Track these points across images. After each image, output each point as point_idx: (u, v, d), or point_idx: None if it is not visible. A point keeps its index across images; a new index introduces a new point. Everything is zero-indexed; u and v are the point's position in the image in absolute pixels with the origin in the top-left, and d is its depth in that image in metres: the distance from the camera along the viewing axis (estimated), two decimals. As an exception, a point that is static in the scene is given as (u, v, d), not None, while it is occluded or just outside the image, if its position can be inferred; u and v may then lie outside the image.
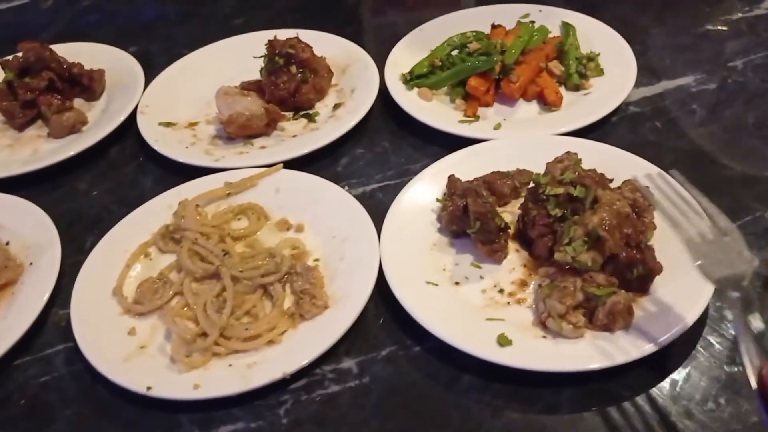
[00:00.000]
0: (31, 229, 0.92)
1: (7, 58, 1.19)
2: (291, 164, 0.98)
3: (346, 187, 0.96)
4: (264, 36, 1.20)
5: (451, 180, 0.88)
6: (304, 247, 0.87)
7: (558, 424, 0.69)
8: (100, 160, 1.09)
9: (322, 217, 0.90)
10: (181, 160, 1.01)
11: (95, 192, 1.04)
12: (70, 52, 1.23)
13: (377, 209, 0.90)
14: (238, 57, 1.22)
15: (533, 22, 1.17)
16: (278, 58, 1.11)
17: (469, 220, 0.82)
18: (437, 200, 0.88)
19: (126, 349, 0.78)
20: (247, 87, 1.11)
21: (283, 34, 1.16)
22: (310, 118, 1.10)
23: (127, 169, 1.08)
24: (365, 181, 0.99)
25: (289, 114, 1.11)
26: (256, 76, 1.16)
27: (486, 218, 0.80)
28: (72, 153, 1.06)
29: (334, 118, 1.07)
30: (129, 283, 0.86)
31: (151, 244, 0.90)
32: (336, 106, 1.10)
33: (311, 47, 1.11)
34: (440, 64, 1.11)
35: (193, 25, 1.42)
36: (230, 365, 0.75)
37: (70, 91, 1.19)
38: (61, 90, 1.17)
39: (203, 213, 0.92)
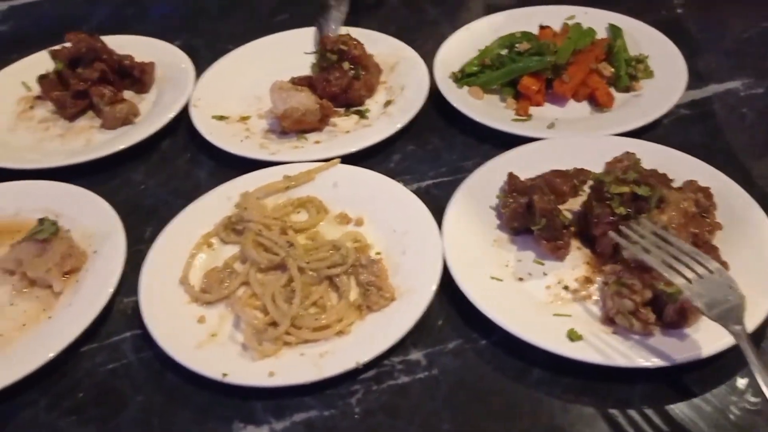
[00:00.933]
0: (92, 218, 0.94)
1: (57, 47, 1.20)
2: (345, 159, 1.00)
3: (401, 183, 0.97)
4: (310, 33, 1.22)
5: (512, 177, 0.89)
6: (366, 241, 0.88)
7: (630, 419, 0.70)
8: (153, 153, 1.10)
9: (381, 212, 0.91)
10: (237, 153, 1.02)
11: (150, 183, 1.05)
12: (116, 44, 1.23)
13: (432, 205, 0.91)
14: (285, 53, 1.25)
15: (579, 23, 1.17)
16: (331, 55, 1.12)
17: (532, 217, 0.83)
18: (497, 197, 0.89)
19: (197, 337, 0.79)
20: (298, 83, 1.12)
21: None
22: (362, 115, 1.11)
23: (180, 161, 1.09)
24: (419, 177, 1.00)
25: (341, 110, 1.11)
26: (303, 71, 1.18)
27: (551, 215, 0.81)
28: (129, 144, 1.07)
29: (386, 115, 1.08)
30: (194, 272, 0.87)
31: (213, 234, 0.91)
32: (387, 103, 1.11)
33: (363, 44, 1.12)
34: (490, 63, 1.11)
35: (236, 20, 1.42)
36: (302, 354, 0.76)
37: (120, 82, 1.20)
38: (112, 82, 1.18)
39: (264, 205, 0.92)
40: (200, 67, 1.22)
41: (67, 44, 1.20)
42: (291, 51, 1.24)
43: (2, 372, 0.77)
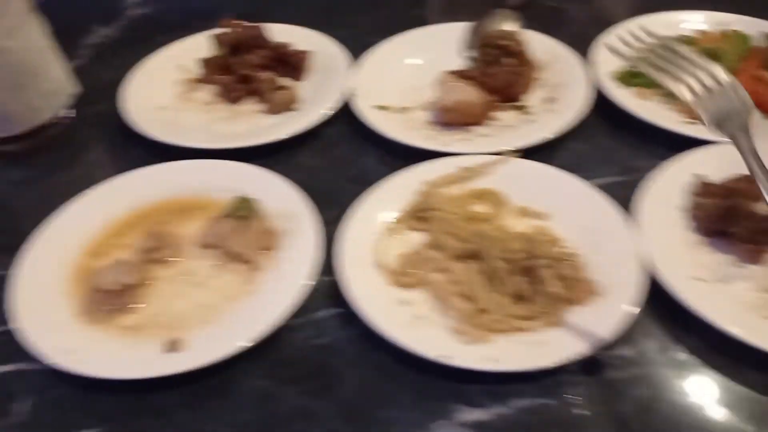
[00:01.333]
0: (279, 199, 0.97)
1: (219, 32, 1.23)
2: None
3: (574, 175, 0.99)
4: (457, 27, 1.28)
5: (702, 179, 0.90)
6: (555, 235, 0.90)
7: None
8: (316, 140, 1.13)
9: (565, 207, 0.93)
10: (409, 142, 1.05)
11: (321, 168, 1.08)
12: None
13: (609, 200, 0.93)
14: (435, 46, 1.27)
15: (738, 30, 1.19)
16: (492, 50, 1.14)
17: (731, 220, 0.84)
18: (691, 198, 0.91)
19: (402, 318, 0.82)
20: (461, 76, 1.14)
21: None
22: (523, 110, 1.13)
23: (346, 148, 1.12)
24: (591, 175, 1.02)
25: (501, 104, 1.13)
26: (455, 65, 1.21)
27: (755, 219, 0.82)
28: (304, 128, 1.11)
29: (551, 111, 1.10)
30: (387, 256, 0.89)
31: (400, 220, 0.93)
32: (549, 100, 1.13)
33: (523, 41, 1.14)
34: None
35: (377, 12, 1.45)
36: (516, 342, 0.78)
37: (278, 69, 1.23)
38: (272, 68, 1.21)
39: (447, 195, 0.95)
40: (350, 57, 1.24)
41: (226, 30, 1.22)
42: (440, 44, 1.26)
43: (222, 342, 0.80)
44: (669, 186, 0.93)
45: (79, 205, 0.97)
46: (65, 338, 0.81)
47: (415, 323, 0.81)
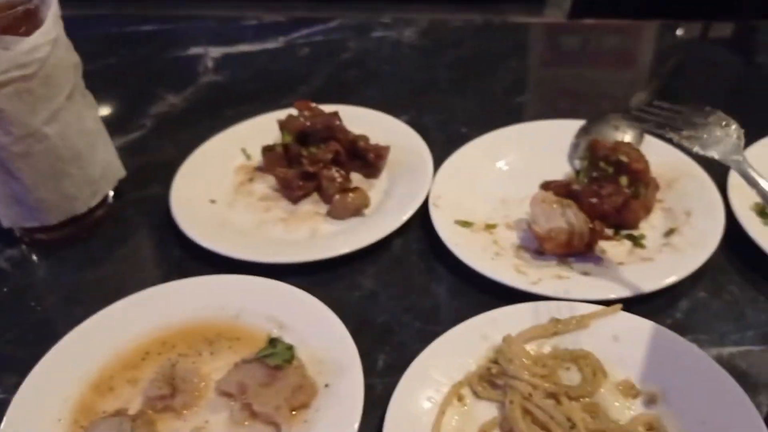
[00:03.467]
0: (322, 338, 0.80)
1: (286, 118, 1.08)
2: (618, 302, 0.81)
3: (695, 345, 0.76)
4: (564, 126, 1.09)
5: None
6: (665, 431, 0.67)
7: None
8: (383, 253, 0.96)
9: (681, 390, 0.72)
10: (490, 275, 0.85)
11: (381, 293, 0.91)
12: (343, 115, 1.10)
13: (741, 383, 0.71)
14: (532, 146, 1.06)
15: None
16: (606, 165, 0.93)
17: None
18: None
19: None
20: (559, 192, 0.93)
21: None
22: (636, 242, 0.92)
23: (414, 269, 0.94)
24: (717, 339, 0.81)
25: (610, 232, 0.92)
26: (553, 173, 1.02)
27: None
28: (363, 245, 0.93)
29: (670, 248, 0.89)
30: (446, 433, 0.69)
31: (465, 384, 0.74)
32: (669, 232, 0.91)
33: (646, 157, 0.93)
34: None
35: (468, 97, 1.27)
36: None
37: (350, 164, 1.06)
38: (342, 164, 1.04)
39: (528, 353, 0.74)
40: (433, 150, 1.08)
41: (293, 111, 1.06)
42: (539, 144, 1.07)
43: None
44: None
45: (92, 324, 0.84)
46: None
47: None
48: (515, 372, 0.73)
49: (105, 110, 1.29)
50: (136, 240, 1.02)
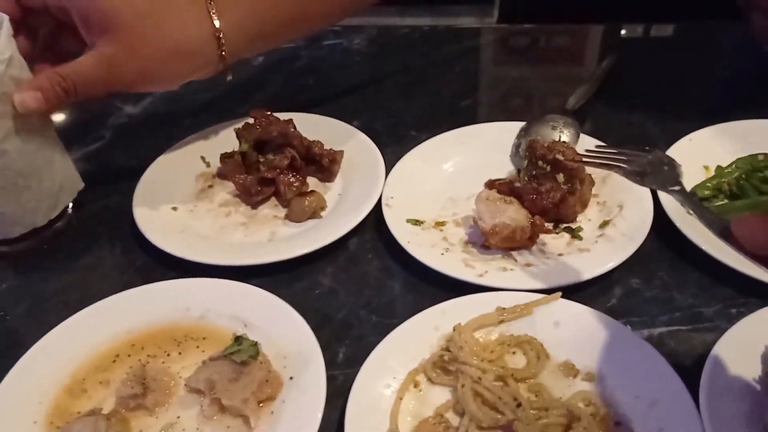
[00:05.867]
0: (285, 335, 0.85)
1: (243, 126, 1.13)
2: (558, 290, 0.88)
3: (629, 327, 0.84)
4: (506, 127, 1.17)
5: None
6: (601, 405, 0.75)
7: None
8: (340, 253, 1.01)
9: (616, 368, 0.80)
10: (441, 270, 0.92)
11: (340, 291, 0.96)
12: (298, 122, 1.15)
13: (670, 361, 0.79)
14: (476, 147, 1.14)
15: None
16: (544, 164, 1.00)
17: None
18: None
19: None
20: (502, 191, 1.00)
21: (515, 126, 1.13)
22: (574, 234, 0.99)
23: (371, 267, 1.00)
24: (648, 321, 0.88)
25: (549, 225, 0.99)
26: (497, 172, 1.10)
27: None
28: (321, 245, 0.99)
29: (605, 238, 0.97)
30: (402, 419, 0.76)
31: (420, 371, 0.80)
32: (603, 224, 0.99)
33: (581, 155, 1.00)
34: (728, 189, 0.97)
35: (417, 101, 1.33)
36: None
37: (306, 169, 1.11)
38: (298, 169, 1.09)
39: (477, 341, 0.81)
40: (384, 154, 1.14)
41: (250, 120, 1.11)
42: (483, 146, 1.14)
43: None
44: (743, 347, 0.76)
45: (62, 330, 0.87)
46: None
47: None
48: (465, 358, 0.79)
49: (62, 122, 1.32)
50: (99, 248, 1.05)
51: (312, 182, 1.12)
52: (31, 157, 0.96)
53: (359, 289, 0.95)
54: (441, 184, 1.08)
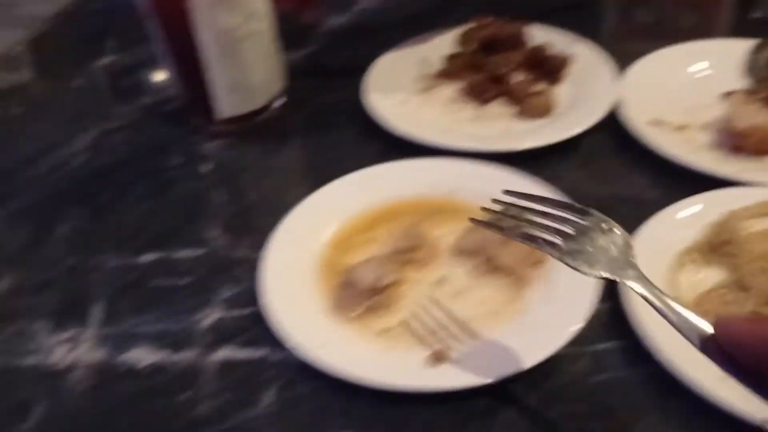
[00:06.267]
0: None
1: (468, 27, 1.16)
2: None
3: None
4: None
5: None
6: None
7: None
8: (574, 152, 1.01)
9: None
10: (697, 167, 0.92)
11: (583, 182, 0.97)
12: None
13: None
14: (719, 58, 1.14)
15: None
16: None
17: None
18: None
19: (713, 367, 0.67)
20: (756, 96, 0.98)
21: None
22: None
23: (611, 163, 1.00)
24: None
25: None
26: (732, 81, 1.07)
27: None
28: (563, 136, 0.99)
29: None
30: (680, 291, 0.75)
31: (693, 251, 0.80)
32: None
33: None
34: None
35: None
36: None
37: (534, 73, 1.12)
38: (531, 67, 1.10)
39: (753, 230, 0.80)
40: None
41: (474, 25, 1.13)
42: (723, 57, 1.13)
43: (490, 362, 0.71)
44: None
45: (324, 195, 0.91)
46: (316, 332, 0.73)
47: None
48: (742, 239, 0.78)
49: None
50: (334, 136, 1.09)
51: (540, 87, 1.12)
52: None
53: (603, 182, 0.96)
54: (679, 90, 1.07)
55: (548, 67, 1.13)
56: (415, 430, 0.68)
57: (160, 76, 1.22)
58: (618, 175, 0.97)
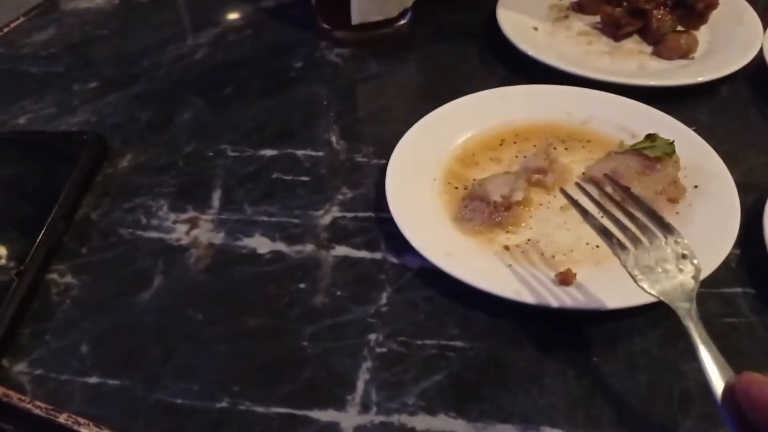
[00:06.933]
0: (683, 149, 0.80)
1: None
2: None
3: None
4: None
5: None
6: None
7: None
8: (711, 96, 0.96)
9: None
10: None
11: (724, 129, 0.92)
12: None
13: None
14: None
15: None
16: None
17: None
18: None
19: None
20: None
21: None
22: None
23: (753, 112, 0.96)
24: None
25: None
26: None
27: None
28: (697, 80, 0.95)
29: None
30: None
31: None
32: None
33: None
34: None
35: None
36: None
37: (676, 13, 1.06)
38: (673, 5, 1.04)
39: None
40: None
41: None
42: None
43: (616, 290, 0.67)
44: None
45: (453, 108, 0.89)
46: (440, 240, 0.71)
47: None
48: None
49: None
50: (459, 53, 1.06)
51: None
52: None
53: (745, 131, 0.91)
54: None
55: (692, 8, 1.06)
56: (534, 347, 0.65)
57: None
58: (757, 125, 0.93)
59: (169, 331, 0.67)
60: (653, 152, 0.77)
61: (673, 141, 0.78)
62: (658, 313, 0.67)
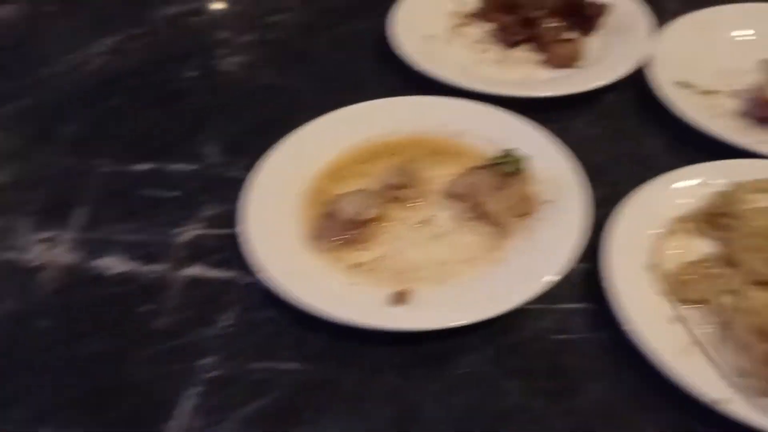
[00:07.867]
0: (547, 162, 0.84)
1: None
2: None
3: None
4: None
5: None
6: None
7: None
8: (595, 106, 0.97)
9: None
10: (715, 134, 0.87)
11: (597, 138, 0.93)
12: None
13: None
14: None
15: None
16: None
17: None
18: None
19: (677, 341, 0.65)
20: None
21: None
22: None
23: (629, 122, 0.96)
24: None
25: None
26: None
27: None
28: (582, 89, 0.95)
29: None
30: (665, 260, 0.72)
31: (686, 221, 0.76)
32: None
33: None
34: None
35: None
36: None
37: (567, 20, 1.07)
38: (562, 14, 1.05)
39: (756, 205, 0.76)
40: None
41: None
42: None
43: (452, 308, 0.69)
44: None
45: (324, 123, 0.89)
46: (287, 260, 0.72)
47: (691, 350, 0.64)
48: (741, 213, 0.74)
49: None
50: (353, 62, 1.07)
51: (571, 35, 1.06)
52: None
53: (617, 141, 0.92)
54: (717, 55, 1.01)
55: (583, 16, 1.07)
56: (365, 368, 0.67)
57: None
58: (634, 135, 0.94)
59: (5, 356, 0.67)
60: (506, 168, 0.77)
61: (523, 157, 0.78)
62: (491, 330, 0.69)
